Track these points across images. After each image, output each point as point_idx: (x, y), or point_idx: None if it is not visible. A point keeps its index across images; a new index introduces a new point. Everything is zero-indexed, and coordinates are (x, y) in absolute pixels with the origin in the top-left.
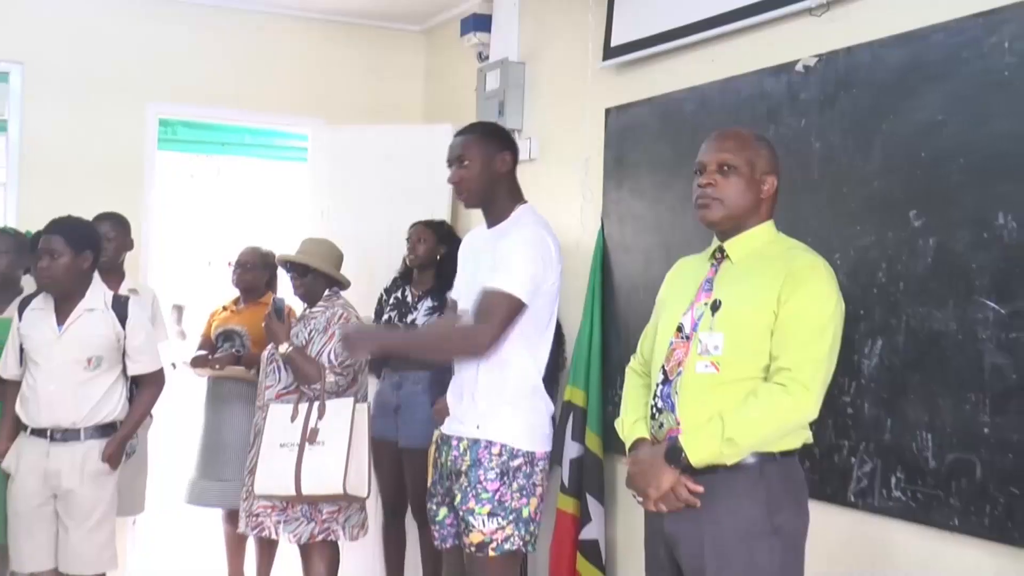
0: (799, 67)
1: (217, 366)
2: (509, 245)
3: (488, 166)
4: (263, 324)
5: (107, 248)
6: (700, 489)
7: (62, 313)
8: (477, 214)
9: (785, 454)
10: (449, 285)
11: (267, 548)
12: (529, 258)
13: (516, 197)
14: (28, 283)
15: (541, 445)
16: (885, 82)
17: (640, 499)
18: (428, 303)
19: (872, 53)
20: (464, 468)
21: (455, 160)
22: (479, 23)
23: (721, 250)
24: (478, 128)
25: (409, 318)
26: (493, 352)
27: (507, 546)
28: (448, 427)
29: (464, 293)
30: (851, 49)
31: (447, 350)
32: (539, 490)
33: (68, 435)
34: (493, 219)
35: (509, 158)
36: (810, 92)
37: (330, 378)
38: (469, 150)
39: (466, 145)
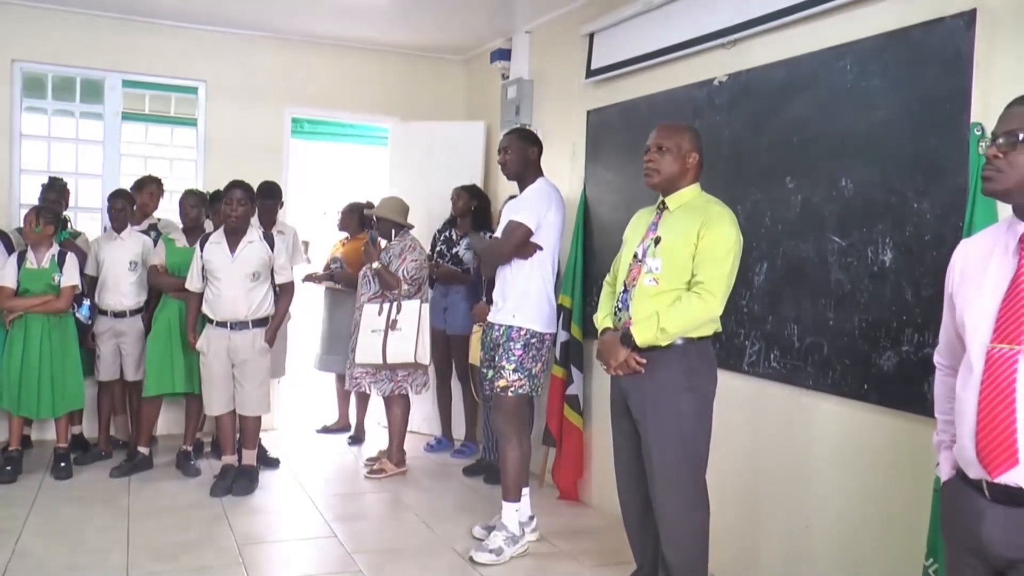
0: (716, 82)
1: (316, 281)
2: (524, 194)
3: (522, 154)
4: (362, 249)
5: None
6: (643, 361)
7: (232, 244)
8: (502, 180)
9: (702, 339)
10: (479, 228)
11: (363, 399)
12: (535, 201)
13: (538, 174)
14: (207, 226)
15: (549, 328)
16: (771, 92)
17: (605, 367)
18: (467, 240)
19: (763, 73)
20: (502, 342)
21: (502, 150)
22: (503, 54)
23: (664, 203)
24: (517, 131)
25: (454, 250)
26: (510, 257)
27: (521, 391)
28: (492, 316)
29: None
30: (749, 70)
31: (492, 253)
32: (544, 358)
33: (241, 325)
34: (522, 188)
35: (536, 150)
36: (723, 98)
37: (404, 287)
38: (511, 143)
39: (509, 140)
